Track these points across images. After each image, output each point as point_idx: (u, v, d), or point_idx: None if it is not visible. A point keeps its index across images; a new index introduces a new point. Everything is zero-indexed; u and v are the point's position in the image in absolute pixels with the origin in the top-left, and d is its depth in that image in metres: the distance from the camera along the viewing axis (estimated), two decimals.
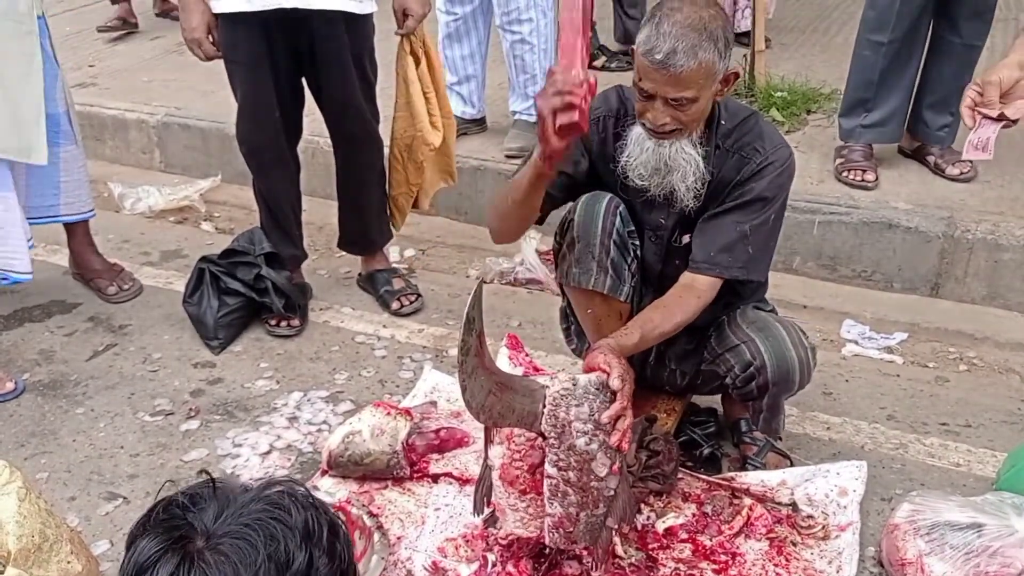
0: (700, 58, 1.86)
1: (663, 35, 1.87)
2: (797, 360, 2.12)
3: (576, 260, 2.14)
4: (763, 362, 2.11)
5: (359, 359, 2.83)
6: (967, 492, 2.17)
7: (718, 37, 1.88)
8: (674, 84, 1.89)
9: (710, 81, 1.91)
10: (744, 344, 2.14)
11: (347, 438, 2.25)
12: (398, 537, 2.10)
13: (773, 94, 3.86)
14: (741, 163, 2.07)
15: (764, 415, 2.26)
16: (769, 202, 2.07)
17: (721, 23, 1.91)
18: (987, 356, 2.81)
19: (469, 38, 3.62)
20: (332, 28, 2.68)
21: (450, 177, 3.18)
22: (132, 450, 2.46)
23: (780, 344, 2.11)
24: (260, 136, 2.85)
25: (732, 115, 2.09)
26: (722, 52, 1.90)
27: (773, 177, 2.06)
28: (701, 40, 1.86)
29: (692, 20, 1.87)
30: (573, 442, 1.80)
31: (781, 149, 2.07)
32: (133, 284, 3.19)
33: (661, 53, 1.86)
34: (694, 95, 1.91)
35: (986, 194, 3.18)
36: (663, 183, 2.04)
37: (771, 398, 2.20)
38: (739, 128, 2.08)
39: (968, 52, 3.17)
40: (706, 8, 1.92)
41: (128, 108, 4.29)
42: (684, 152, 2.00)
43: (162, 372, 2.78)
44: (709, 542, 2.06)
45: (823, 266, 3.19)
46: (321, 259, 3.41)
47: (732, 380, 2.18)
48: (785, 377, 2.12)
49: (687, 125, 1.97)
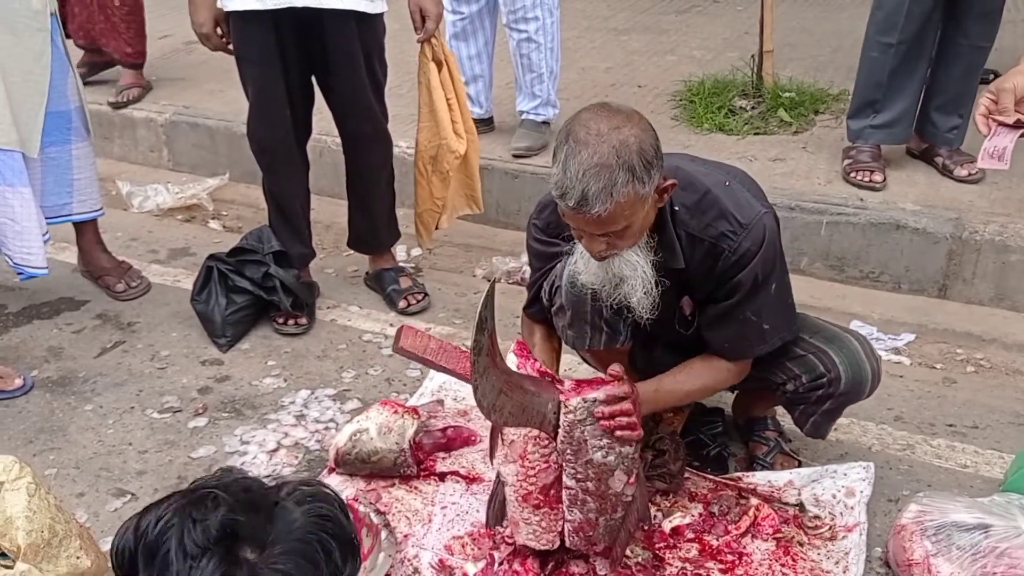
0: (616, 197, 1.69)
1: (570, 178, 1.70)
2: (871, 372, 2.08)
3: (569, 324, 2.10)
4: (838, 374, 2.05)
5: (366, 357, 2.83)
6: (974, 493, 2.17)
7: (633, 165, 1.69)
8: (596, 225, 1.76)
9: (638, 207, 1.76)
10: (814, 355, 2.08)
11: (354, 436, 2.25)
12: (405, 535, 2.10)
13: (781, 95, 3.86)
14: (715, 252, 1.92)
15: (816, 420, 2.17)
16: (764, 281, 1.95)
17: (636, 145, 1.71)
18: (995, 357, 2.81)
19: (476, 37, 3.63)
20: (343, 27, 2.68)
21: (475, 203, 3.18)
22: (140, 447, 2.47)
23: (855, 356, 2.07)
24: (271, 134, 2.86)
25: (686, 195, 1.91)
26: (642, 178, 1.71)
27: (756, 261, 1.91)
28: (614, 176, 1.68)
29: (600, 155, 1.69)
30: (590, 457, 1.83)
31: (753, 226, 1.90)
32: (141, 282, 3.20)
33: (573, 199, 1.70)
34: (623, 226, 1.77)
35: (994, 195, 3.17)
36: (615, 294, 1.92)
37: (834, 406, 2.13)
38: (699, 209, 1.91)
39: (976, 54, 3.17)
40: (616, 132, 1.71)
41: (136, 107, 4.29)
42: (628, 263, 1.87)
43: (170, 369, 2.79)
44: (716, 542, 2.06)
45: (831, 267, 3.19)
46: (329, 258, 3.42)
47: (794, 387, 2.12)
48: (858, 388, 2.09)
49: (625, 245, 1.84)
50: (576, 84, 4.21)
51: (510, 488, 1.92)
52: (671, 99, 4.04)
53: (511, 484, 1.91)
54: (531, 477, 1.89)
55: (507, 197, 3.60)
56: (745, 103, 3.85)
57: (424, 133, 2.96)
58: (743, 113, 3.80)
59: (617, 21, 5.09)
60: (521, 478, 1.89)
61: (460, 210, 3.17)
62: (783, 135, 3.68)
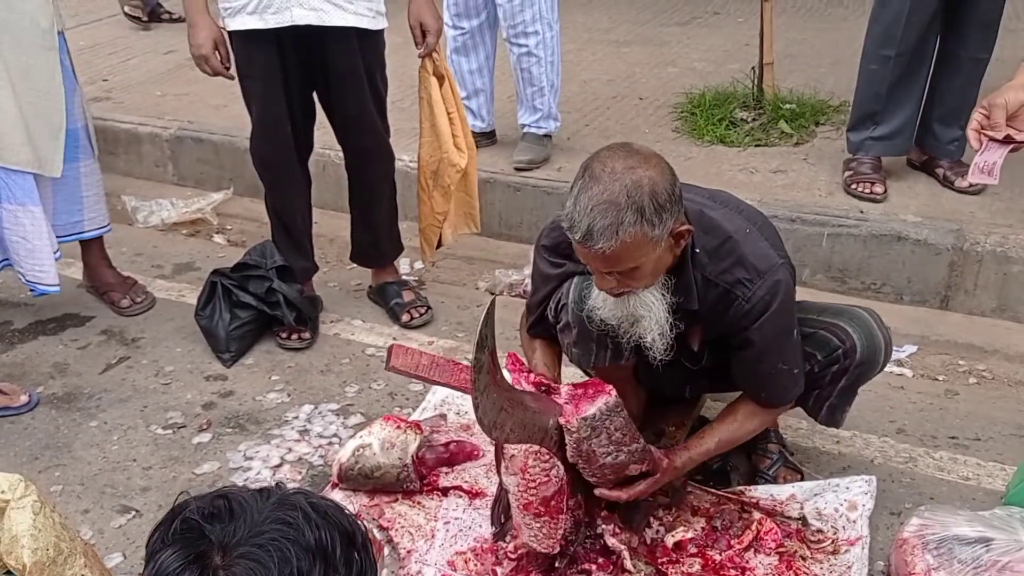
0: (621, 236, 1.69)
1: (579, 211, 1.71)
2: (883, 340, 2.10)
3: (575, 342, 2.11)
4: (852, 343, 2.07)
5: (369, 372, 2.84)
6: (976, 506, 2.17)
7: (643, 207, 1.70)
8: (603, 261, 1.77)
9: (647, 250, 1.76)
10: (824, 330, 2.10)
11: (357, 451, 2.26)
12: (408, 551, 2.11)
13: (781, 106, 3.87)
14: (728, 299, 1.93)
15: (832, 403, 2.17)
16: (781, 336, 1.98)
17: (649, 186, 1.71)
18: (997, 369, 2.81)
19: (477, 52, 3.65)
20: (344, 44, 2.70)
21: (473, 223, 3.19)
22: (145, 463, 2.48)
23: (867, 325, 2.09)
24: (273, 151, 2.88)
25: (707, 238, 1.93)
26: (652, 220, 1.71)
27: (770, 316, 1.93)
28: (621, 215, 1.69)
29: (610, 193, 1.70)
30: (603, 462, 1.91)
31: (768, 277, 1.91)
32: (146, 297, 3.22)
33: (579, 233, 1.72)
34: (632, 265, 1.77)
35: (995, 206, 3.18)
36: (631, 332, 1.94)
37: (850, 381, 2.14)
38: (718, 255, 1.92)
39: (975, 65, 3.18)
40: (631, 172, 1.72)
41: (141, 122, 4.32)
42: (644, 303, 1.87)
43: (174, 385, 2.80)
44: (719, 556, 2.07)
45: (832, 279, 3.20)
46: (332, 272, 3.43)
47: (810, 367, 2.12)
48: (873, 358, 2.10)
49: (639, 285, 1.85)
50: (577, 97, 4.23)
51: (512, 496, 1.94)
52: (672, 111, 4.06)
53: (513, 494, 1.93)
54: (531, 489, 1.90)
55: (509, 210, 3.62)
56: (746, 115, 3.87)
57: (426, 148, 2.98)
58: (744, 125, 3.81)
59: (618, 33, 5.11)
60: (522, 489, 1.90)
61: (459, 228, 3.18)
62: (784, 147, 3.69)
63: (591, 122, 4.01)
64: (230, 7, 2.65)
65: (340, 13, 2.63)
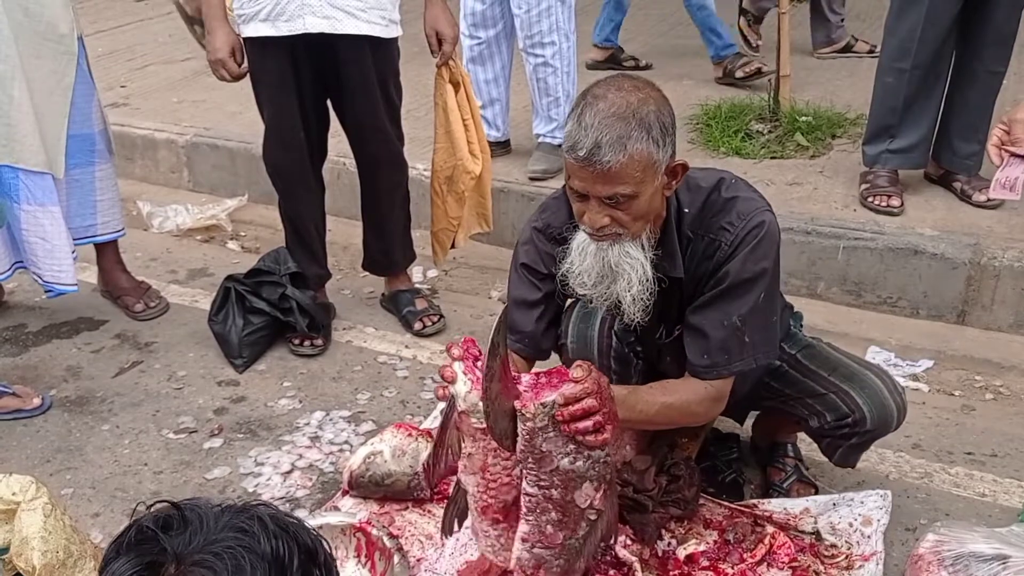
0: (630, 150, 1.66)
1: (585, 128, 1.67)
2: (896, 408, 2.04)
3: None
4: (862, 415, 2.02)
5: (381, 379, 2.84)
6: (993, 523, 2.14)
7: (651, 124, 1.68)
8: (605, 181, 1.69)
9: (649, 174, 1.71)
10: (835, 395, 2.05)
11: (368, 459, 2.25)
12: (418, 559, 2.10)
13: (798, 119, 3.86)
14: (712, 247, 1.87)
15: (844, 451, 2.13)
16: (752, 283, 1.85)
17: (655, 107, 1.70)
18: (1014, 385, 2.78)
19: (493, 62, 3.65)
20: (357, 52, 2.71)
21: (485, 222, 3.20)
22: (156, 467, 2.48)
23: (878, 394, 2.03)
24: (286, 157, 2.89)
25: (693, 197, 1.88)
26: (658, 140, 1.69)
27: (747, 254, 1.84)
28: (629, 130, 1.66)
29: (618, 107, 1.68)
30: (556, 465, 1.67)
31: (753, 217, 1.84)
32: (160, 302, 3.23)
33: (584, 149, 1.67)
34: (631, 191, 1.71)
35: (1013, 221, 3.15)
36: (607, 293, 1.83)
37: (862, 440, 2.10)
38: (704, 209, 1.88)
39: (991, 78, 3.16)
40: (636, 91, 1.71)
41: (158, 128, 4.35)
42: (628, 256, 1.79)
43: (187, 390, 2.80)
44: (731, 570, 2.05)
45: (848, 292, 3.17)
46: (345, 279, 3.44)
47: (819, 424, 2.09)
48: (885, 425, 2.06)
49: (629, 226, 1.77)
50: None
51: (471, 497, 1.81)
52: (688, 123, 4.05)
53: (472, 494, 1.81)
54: (491, 490, 1.78)
55: (523, 220, 3.56)
56: (762, 127, 3.85)
57: (440, 154, 2.98)
58: (760, 137, 3.80)
59: (634, 46, 5.11)
60: (481, 490, 1.78)
61: (472, 229, 3.18)
62: (800, 159, 3.68)
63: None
64: (244, 14, 2.67)
65: (353, 21, 2.64)
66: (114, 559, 1.09)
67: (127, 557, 1.08)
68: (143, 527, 1.10)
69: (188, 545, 1.07)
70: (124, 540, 1.10)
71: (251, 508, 1.14)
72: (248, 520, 1.11)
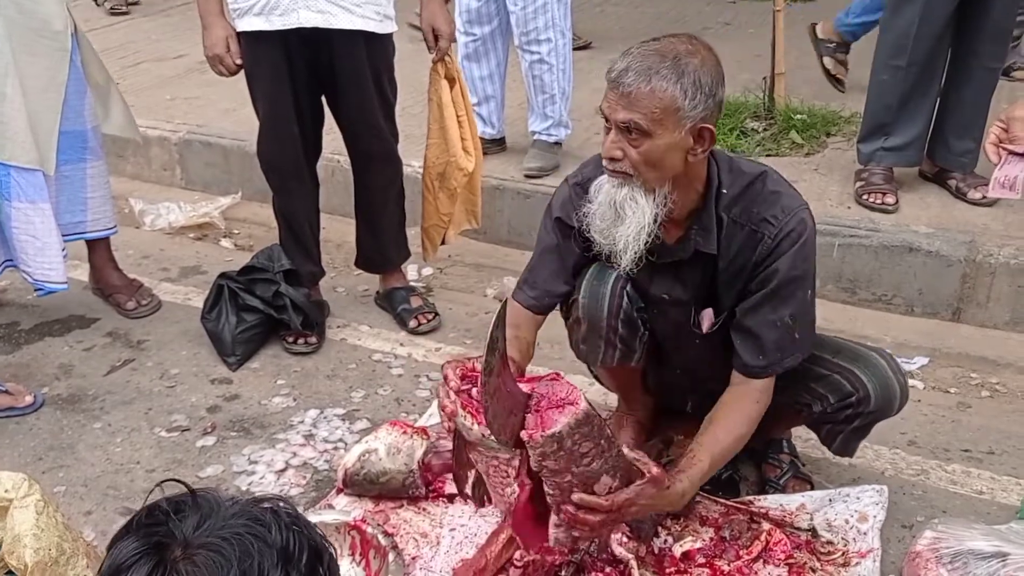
0: (654, 84, 1.74)
1: (627, 54, 1.80)
2: (899, 387, 2.05)
3: (583, 339, 2.10)
4: (867, 392, 2.03)
5: (376, 377, 2.82)
6: (990, 520, 2.14)
7: (684, 72, 1.75)
8: (624, 105, 1.77)
9: (669, 118, 1.76)
10: (839, 375, 2.06)
11: (363, 456, 2.24)
12: (413, 557, 2.09)
13: (792, 116, 3.86)
14: (754, 239, 1.91)
15: (844, 437, 2.14)
16: (799, 280, 1.92)
17: (698, 62, 1.77)
18: (1010, 382, 2.78)
19: (488, 59, 3.64)
20: (352, 47, 2.70)
21: (474, 219, 3.19)
22: (148, 465, 2.46)
23: (882, 373, 2.04)
24: (280, 153, 2.87)
25: (735, 179, 1.93)
26: (687, 91, 1.75)
27: (795, 252, 1.90)
28: (662, 67, 1.75)
29: (663, 48, 1.78)
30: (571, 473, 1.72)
31: (796, 214, 1.91)
32: (152, 300, 3.21)
33: (616, 71, 1.79)
34: (645, 125, 1.76)
35: (1008, 218, 3.15)
36: (612, 234, 1.88)
37: (863, 423, 2.11)
38: (745, 195, 1.92)
39: (988, 75, 3.16)
40: (689, 43, 1.79)
41: (150, 125, 4.32)
42: (634, 201, 1.84)
43: (179, 388, 2.78)
44: (727, 567, 2.04)
45: (843, 289, 3.17)
46: (339, 276, 3.42)
47: (821, 408, 2.09)
48: (887, 406, 2.06)
49: (640, 169, 1.81)
50: (588, 104, 4.21)
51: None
52: None
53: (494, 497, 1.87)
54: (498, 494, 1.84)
55: (518, 217, 3.60)
56: (757, 125, 3.85)
57: (433, 150, 2.97)
58: (755, 135, 3.80)
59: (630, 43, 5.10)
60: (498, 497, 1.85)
61: (461, 225, 3.17)
62: (795, 157, 3.67)
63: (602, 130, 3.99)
64: (238, 8, 2.66)
65: (347, 16, 2.63)
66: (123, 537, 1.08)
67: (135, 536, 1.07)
68: (154, 509, 1.10)
69: (197, 529, 1.07)
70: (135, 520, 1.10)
71: (267, 499, 1.14)
72: (261, 511, 1.11)
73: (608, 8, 5.86)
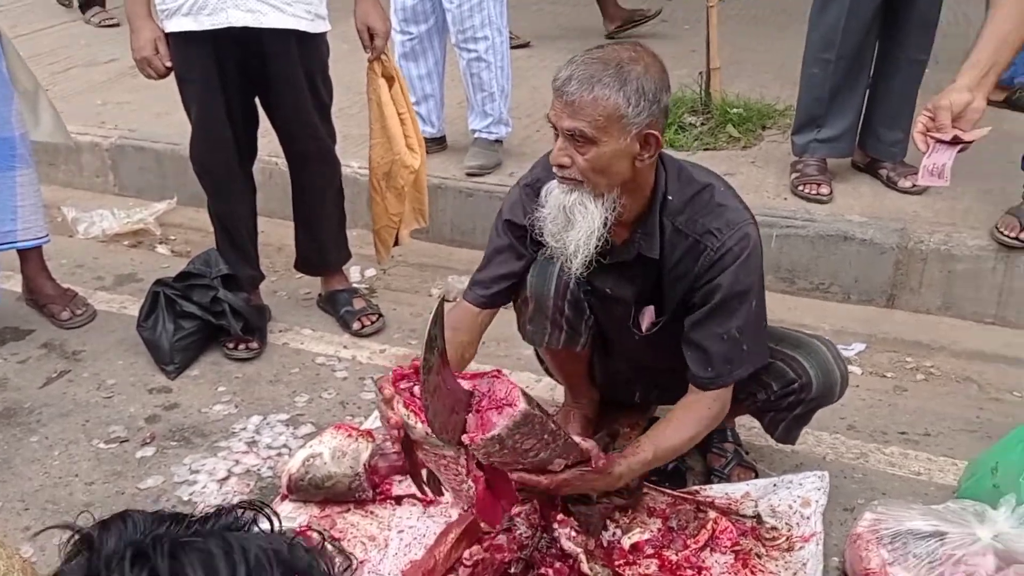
0: (597, 92, 1.75)
1: (571, 63, 1.81)
2: (840, 375, 2.10)
3: (530, 319, 2.11)
4: (809, 379, 2.07)
5: (320, 381, 2.79)
6: (928, 500, 2.19)
7: (627, 79, 1.76)
8: (569, 114, 1.78)
9: (613, 125, 1.77)
10: (782, 362, 2.09)
11: (307, 461, 2.21)
12: (361, 561, 2.07)
13: (729, 111, 3.91)
14: (697, 250, 1.93)
15: (787, 424, 2.18)
16: (743, 295, 1.94)
17: (641, 69, 1.78)
18: (944, 365, 2.85)
19: (426, 57, 3.62)
20: (284, 47, 2.66)
21: (422, 217, 3.17)
22: (87, 478, 2.40)
23: (824, 360, 2.09)
24: (213, 156, 2.83)
25: (682, 187, 1.95)
26: (631, 98, 1.76)
27: (738, 267, 1.91)
28: (604, 75, 1.76)
29: (606, 56, 1.79)
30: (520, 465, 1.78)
31: (740, 229, 1.92)
32: (87, 309, 3.13)
33: (560, 80, 1.80)
34: (590, 132, 1.78)
35: (938, 206, 3.23)
36: (563, 239, 1.90)
37: (805, 410, 2.15)
38: (691, 205, 1.94)
39: (914, 67, 3.24)
40: (631, 51, 1.81)
41: (82, 131, 4.21)
42: (583, 206, 1.86)
43: (117, 398, 2.72)
44: (675, 557, 2.06)
45: (781, 279, 3.22)
46: (280, 280, 3.37)
47: (765, 396, 2.13)
48: (829, 392, 2.11)
49: (588, 176, 1.83)
50: (528, 102, 4.22)
51: None
52: None
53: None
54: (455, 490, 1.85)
55: (461, 216, 3.59)
56: (694, 119, 3.89)
57: (377, 150, 2.95)
58: (693, 129, 3.84)
59: (566, 40, 5.11)
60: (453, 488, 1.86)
61: (410, 225, 3.15)
62: (732, 150, 3.72)
63: (542, 127, 4.00)
64: (166, 8, 2.61)
65: (278, 15, 2.59)
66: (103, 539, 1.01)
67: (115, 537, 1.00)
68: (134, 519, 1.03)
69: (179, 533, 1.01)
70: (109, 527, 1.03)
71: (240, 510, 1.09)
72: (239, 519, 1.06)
73: (546, 7, 5.88)
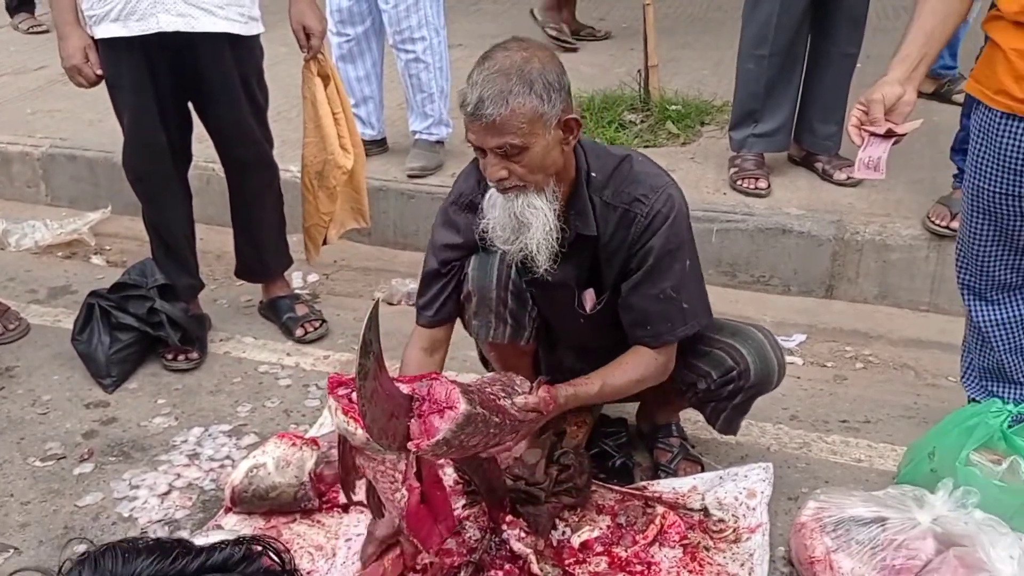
0: (511, 104, 1.78)
1: (473, 85, 1.81)
2: (777, 363, 2.14)
3: (474, 313, 2.11)
4: (747, 366, 2.11)
5: (263, 390, 2.75)
6: (870, 487, 2.22)
7: (533, 80, 1.80)
8: (493, 133, 1.81)
9: (538, 127, 1.81)
10: (720, 350, 2.13)
11: (251, 472, 2.17)
12: (308, 571, 2.04)
13: (668, 108, 3.94)
14: (628, 219, 1.98)
15: (728, 415, 2.22)
16: (675, 253, 1.98)
17: (539, 65, 1.82)
18: (882, 353, 2.91)
19: (363, 59, 3.59)
20: (217, 51, 2.61)
21: (362, 218, 3.14)
22: (23, 497, 2.33)
23: (762, 347, 2.13)
24: (147, 163, 2.77)
25: (602, 164, 2.00)
26: (542, 95, 1.80)
27: (668, 227, 1.96)
28: (511, 85, 1.78)
29: (503, 65, 1.81)
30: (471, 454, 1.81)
31: (664, 191, 1.97)
32: (19, 324, 3.04)
33: (471, 104, 1.80)
34: (519, 142, 1.81)
35: (872, 197, 3.30)
36: (519, 242, 1.93)
37: (744, 398, 2.18)
38: (614, 177, 1.99)
39: (845, 61, 3.30)
40: (521, 51, 1.84)
41: (10, 141, 4.10)
42: (532, 207, 1.89)
43: (52, 414, 2.64)
44: (624, 553, 2.07)
45: (723, 272, 3.26)
46: (220, 288, 3.31)
47: (705, 385, 2.16)
48: (767, 379, 2.14)
49: (527, 178, 1.87)
50: None
51: None
52: None
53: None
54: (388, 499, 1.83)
55: (404, 218, 3.57)
56: (634, 117, 3.92)
57: (310, 148, 2.91)
58: (633, 127, 3.86)
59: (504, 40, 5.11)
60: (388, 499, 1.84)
61: (347, 225, 3.12)
62: (672, 147, 3.75)
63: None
64: (94, 15, 2.54)
65: (209, 18, 2.54)
66: None
67: None
68: None
69: None
70: None
71: None
72: None
73: (485, 6, 5.87)
